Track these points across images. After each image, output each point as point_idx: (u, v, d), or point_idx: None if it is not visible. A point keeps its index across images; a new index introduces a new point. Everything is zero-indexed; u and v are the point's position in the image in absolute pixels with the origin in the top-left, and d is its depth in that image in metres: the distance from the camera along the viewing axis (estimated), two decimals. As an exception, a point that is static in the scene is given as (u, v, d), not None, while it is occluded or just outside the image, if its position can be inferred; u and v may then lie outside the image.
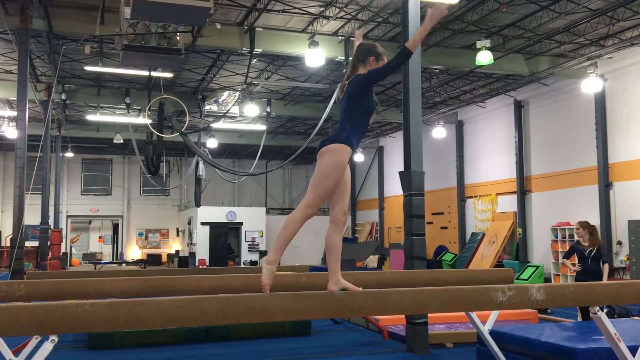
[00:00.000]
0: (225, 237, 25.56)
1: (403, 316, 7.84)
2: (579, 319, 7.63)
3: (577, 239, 7.76)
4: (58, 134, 22.49)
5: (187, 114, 16.86)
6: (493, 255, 18.37)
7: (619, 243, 15.00)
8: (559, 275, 16.37)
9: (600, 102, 15.59)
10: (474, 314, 5.66)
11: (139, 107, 19.66)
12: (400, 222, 21.99)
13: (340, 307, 3.60)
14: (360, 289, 3.68)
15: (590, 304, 4.37)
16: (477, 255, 19.08)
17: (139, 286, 5.19)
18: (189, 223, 26.97)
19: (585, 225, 7.70)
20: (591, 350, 5.32)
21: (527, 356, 5.83)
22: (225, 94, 19.04)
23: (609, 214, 15.27)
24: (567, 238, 16.17)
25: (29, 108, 12.79)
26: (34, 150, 14.40)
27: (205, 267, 21.98)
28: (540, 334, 6.09)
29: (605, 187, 15.34)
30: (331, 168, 3.53)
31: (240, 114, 19.95)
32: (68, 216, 28.93)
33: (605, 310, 4.37)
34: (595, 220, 14.63)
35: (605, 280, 7.34)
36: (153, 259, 27.18)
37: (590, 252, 7.50)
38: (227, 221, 25.59)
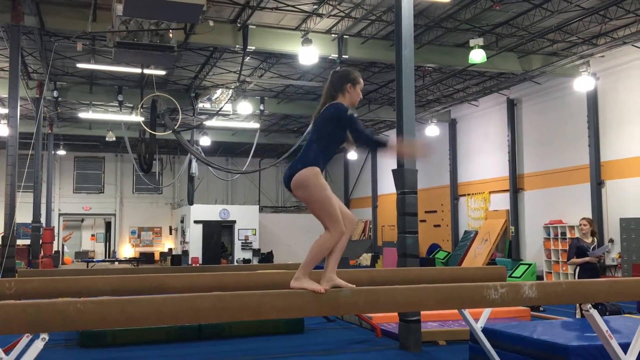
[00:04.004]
0: (218, 235, 25.48)
1: (396, 314, 7.86)
2: (578, 315, 7.68)
3: (578, 236, 7.89)
4: (50, 131, 22.37)
5: (180, 112, 16.81)
6: (486, 253, 18.42)
7: (611, 241, 15.07)
8: (551, 273, 16.43)
9: (593, 101, 15.65)
10: (466, 312, 5.67)
11: (131, 105, 19.57)
12: (393, 220, 21.92)
13: (334, 304, 3.61)
14: (354, 286, 3.68)
15: (583, 302, 4.40)
16: (469, 253, 19.14)
17: (131, 284, 5.17)
18: (182, 221, 26.89)
19: (590, 221, 7.97)
20: (583, 347, 5.35)
21: (519, 353, 5.84)
22: (219, 91, 18.99)
23: (600, 212, 15.35)
24: (559, 236, 16.24)
25: (20, 105, 12.70)
26: (25, 148, 14.31)
27: (198, 265, 21.94)
28: (533, 331, 6.11)
29: (597, 186, 15.41)
30: (320, 193, 3.57)
31: (233, 112, 19.90)
32: (60, 214, 28.80)
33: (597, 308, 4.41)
34: (587, 218, 14.71)
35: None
36: (146, 257, 27.10)
37: (593, 247, 7.66)
38: (220, 219, 25.49)
